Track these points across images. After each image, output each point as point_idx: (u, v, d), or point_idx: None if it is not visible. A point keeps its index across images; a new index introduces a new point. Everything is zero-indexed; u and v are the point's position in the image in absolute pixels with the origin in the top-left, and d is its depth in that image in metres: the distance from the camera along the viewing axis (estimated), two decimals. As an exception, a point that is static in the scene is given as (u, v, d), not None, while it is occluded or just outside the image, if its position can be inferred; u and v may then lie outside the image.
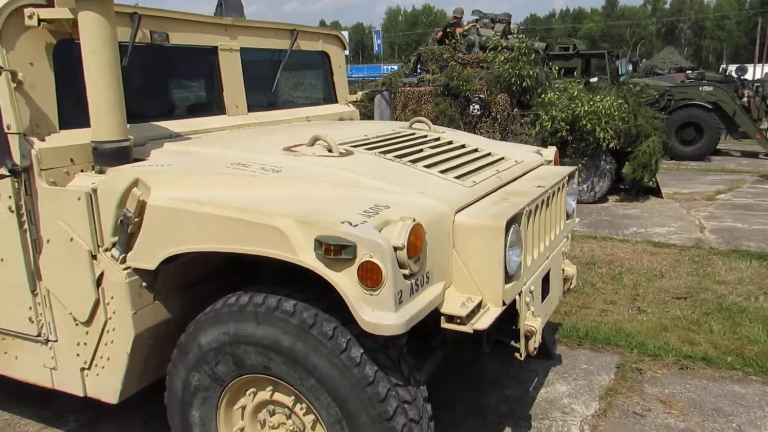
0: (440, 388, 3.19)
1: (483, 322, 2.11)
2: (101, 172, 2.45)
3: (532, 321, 2.42)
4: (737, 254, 6.04)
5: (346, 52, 4.59)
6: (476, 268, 2.21)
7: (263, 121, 3.55)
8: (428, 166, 2.65)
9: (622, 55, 15.70)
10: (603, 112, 8.18)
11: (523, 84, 8.87)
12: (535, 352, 2.45)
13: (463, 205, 2.32)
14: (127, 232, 2.30)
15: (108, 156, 2.44)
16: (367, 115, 6.50)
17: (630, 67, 18.09)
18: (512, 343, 2.44)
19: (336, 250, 1.89)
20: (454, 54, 9.56)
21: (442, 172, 2.62)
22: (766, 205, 8.35)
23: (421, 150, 2.93)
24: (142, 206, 2.27)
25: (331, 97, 4.38)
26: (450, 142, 3.21)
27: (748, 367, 3.50)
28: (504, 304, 2.22)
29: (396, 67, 17.04)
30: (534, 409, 3.12)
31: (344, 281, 1.90)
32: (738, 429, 2.90)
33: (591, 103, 8.27)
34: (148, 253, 2.29)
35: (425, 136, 3.26)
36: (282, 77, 3.87)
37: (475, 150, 3.15)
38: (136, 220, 2.28)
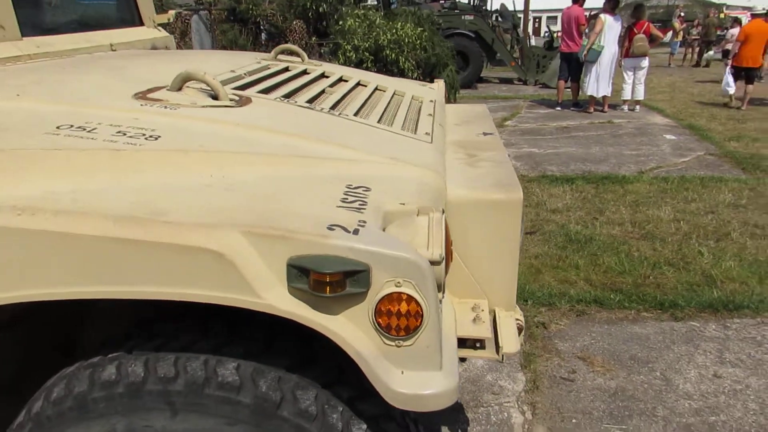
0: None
1: (512, 343, 1.48)
2: None
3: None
4: (547, 180, 6.27)
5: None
6: (479, 260, 1.55)
7: (48, 51, 2.33)
8: (358, 115, 1.87)
9: (392, -18, 15.62)
10: (406, 41, 7.81)
11: (320, 9, 8.06)
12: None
13: (442, 170, 1.61)
14: None
15: None
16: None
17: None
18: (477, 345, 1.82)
19: (337, 282, 1.07)
20: (237, -28, 8.28)
21: (383, 123, 1.86)
22: (548, 129, 8.97)
23: (324, 92, 2.12)
24: None
25: (132, 18, 3.16)
26: (342, 79, 2.43)
27: (635, 304, 3.47)
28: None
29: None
30: (462, 396, 2.64)
31: (351, 332, 1.11)
32: (663, 377, 2.78)
33: (393, 31, 7.84)
34: None
35: (309, 72, 2.43)
36: (65, -16, 2.61)
37: (379, 89, 2.41)
38: None
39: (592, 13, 11.39)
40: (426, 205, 1.26)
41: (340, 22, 8.08)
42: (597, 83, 9.52)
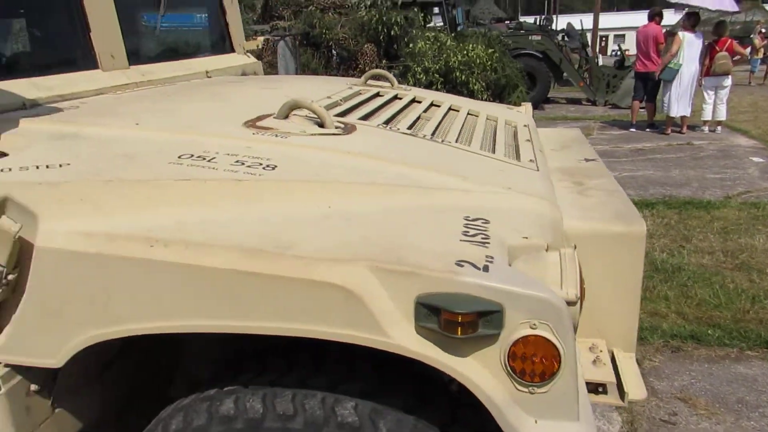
0: None
1: (637, 387, 1.39)
2: None
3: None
4: (626, 204, 6.01)
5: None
6: (598, 297, 1.47)
7: (152, 79, 2.41)
8: (458, 142, 1.83)
9: (458, 4, 15.63)
10: (476, 62, 7.77)
11: (391, 33, 8.13)
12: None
13: (555, 200, 1.55)
14: (-9, 303, 1.18)
15: None
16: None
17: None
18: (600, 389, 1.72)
19: (469, 323, 1.02)
20: (311, -3, 8.49)
21: (484, 149, 1.81)
22: (622, 151, 8.67)
23: (420, 118, 2.10)
24: (21, 251, 1.17)
25: (224, 45, 3.25)
26: (433, 104, 2.41)
27: (737, 341, 3.25)
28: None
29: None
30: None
31: (481, 375, 1.05)
32: (775, 421, 2.57)
33: (464, 53, 7.81)
34: (44, 340, 1.20)
35: (400, 98, 2.42)
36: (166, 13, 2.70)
37: (471, 114, 2.38)
38: (9, 277, 1.17)
39: (667, 30, 11.04)
40: (555, 240, 1.20)
41: (411, 45, 8.12)
42: (676, 103, 9.16)
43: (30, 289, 1.18)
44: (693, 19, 9.05)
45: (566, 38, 16.61)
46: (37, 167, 1.27)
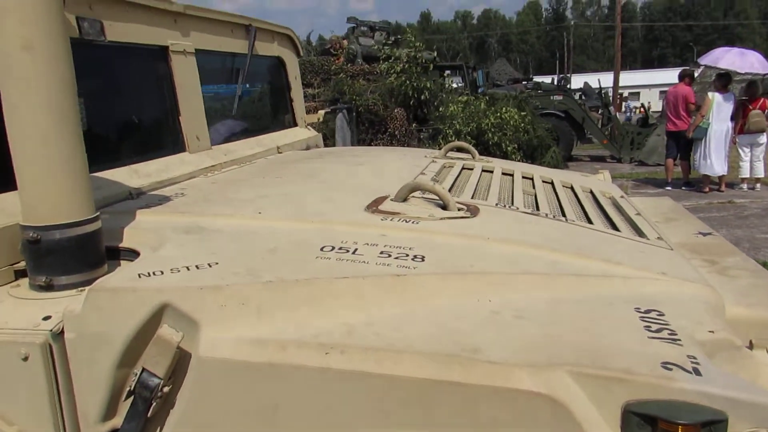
0: None
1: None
2: (48, 287, 1.24)
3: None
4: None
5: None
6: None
7: (234, 158, 2.44)
8: (580, 220, 1.80)
9: (478, 67, 16.04)
10: (510, 124, 7.87)
11: (421, 97, 8.29)
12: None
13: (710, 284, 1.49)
14: (144, 416, 1.12)
15: (66, 253, 1.24)
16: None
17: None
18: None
19: (693, 433, 0.95)
20: (342, 66, 8.71)
21: (604, 226, 1.78)
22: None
23: (524, 193, 2.08)
24: (178, 362, 1.12)
25: (288, 119, 3.30)
26: (526, 177, 2.39)
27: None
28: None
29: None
30: None
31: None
32: None
33: (497, 115, 7.93)
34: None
35: (489, 170, 2.42)
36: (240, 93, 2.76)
37: (564, 185, 2.36)
38: (165, 389, 1.12)
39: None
40: (761, 337, 1.14)
41: (441, 109, 8.26)
42: (710, 161, 9.18)
43: (186, 402, 1.13)
44: (723, 80, 9.18)
45: (583, 97, 16.90)
46: (188, 269, 1.23)
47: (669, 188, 9.97)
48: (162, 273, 1.21)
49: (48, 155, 1.21)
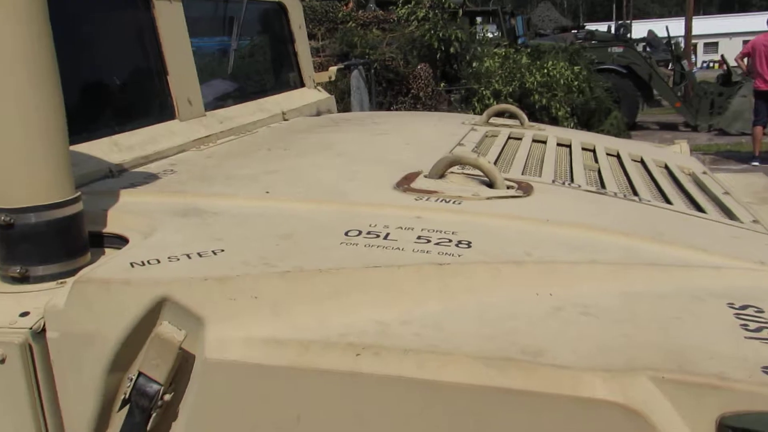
0: None
1: None
2: (23, 278, 1.29)
3: None
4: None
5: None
6: None
7: (232, 127, 2.48)
8: (657, 199, 1.82)
9: (517, 12, 15.88)
10: (560, 82, 7.84)
11: (450, 50, 8.27)
12: None
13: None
14: (143, 428, 1.17)
15: (44, 240, 1.28)
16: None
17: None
18: None
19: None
20: (351, 12, 8.70)
21: (687, 206, 1.81)
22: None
23: (584, 168, 2.10)
24: (181, 365, 1.17)
25: (293, 78, 3.33)
26: (587, 149, 2.41)
27: None
28: None
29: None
30: None
31: None
32: None
33: (543, 72, 7.89)
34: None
35: (542, 140, 2.45)
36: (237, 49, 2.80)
37: (635, 159, 2.37)
38: (166, 397, 1.16)
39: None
40: None
41: (474, 64, 8.24)
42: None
43: (191, 412, 1.17)
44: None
45: (648, 48, 16.69)
46: (189, 257, 1.27)
47: (756, 163, 9.87)
48: (158, 262, 1.24)
49: (22, 124, 1.25)
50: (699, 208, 1.81)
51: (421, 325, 1.16)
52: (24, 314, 1.22)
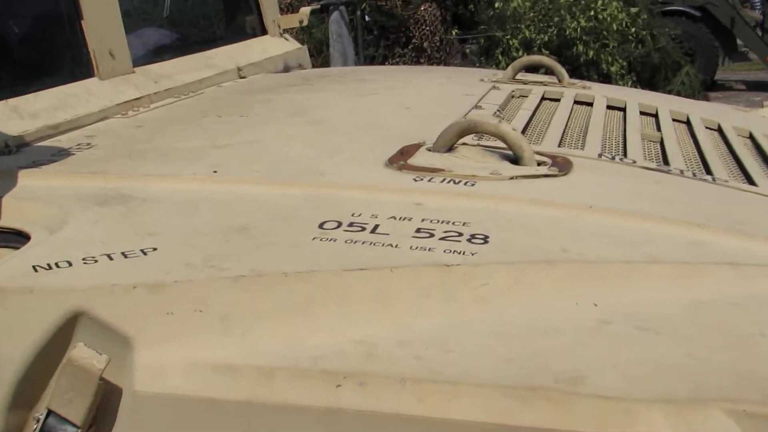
0: None
1: None
2: None
3: None
4: None
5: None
6: None
7: (170, 87, 2.51)
8: (737, 179, 1.86)
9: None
10: (612, 28, 7.90)
11: (465, -17, 8.33)
12: None
13: None
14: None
15: None
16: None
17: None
18: None
19: None
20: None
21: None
22: None
23: (642, 138, 2.14)
24: (103, 400, 1.18)
25: (251, 23, 3.37)
26: (647, 113, 2.46)
27: None
28: None
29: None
30: None
31: None
32: None
33: (589, 14, 7.94)
34: None
35: (585, 101, 2.49)
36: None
37: (713, 129, 2.42)
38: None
39: None
40: None
41: (498, 4, 8.26)
42: None
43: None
44: None
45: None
46: (110, 257, 1.28)
47: None
48: (70, 265, 1.26)
49: None
50: None
51: (422, 346, 1.18)
52: None
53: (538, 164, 1.72)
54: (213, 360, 1.16)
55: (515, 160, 1.72)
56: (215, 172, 1.65)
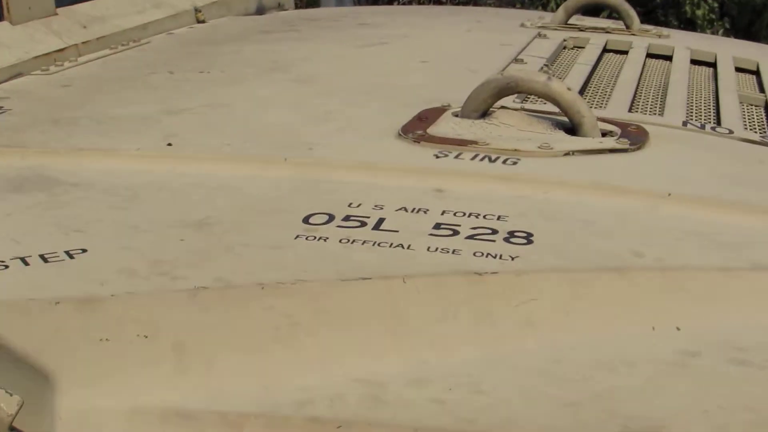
0: None
1: None
2: None
3: None
4: None
5: None
6: None
7: (104, 35, 2.53)
8: None
9: None
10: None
11: None
12: None
13: None
14: None
15: None
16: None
17: None
18: None
19: None
20: None
21: None
22: None
23: (740, 102, 2.16)
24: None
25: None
26: (744, 69, 2.48)
27: None
28: None
29: None
30: None
31: None
32: None
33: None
34: None
35: (661, 52, 2.50)
36: None
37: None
38: None
39: None
40: None
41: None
42: None
43: None
44: None
45: None
46: (25, 262, 1.28)
47: None
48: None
49: None
50: None
51: (445, 386, 1.17)
52: None
53: (603, 135, 1.73)
54: (163, 404, 1.16)
55: (571, 129, 1.73)
56: (169, 145, 1.65)
